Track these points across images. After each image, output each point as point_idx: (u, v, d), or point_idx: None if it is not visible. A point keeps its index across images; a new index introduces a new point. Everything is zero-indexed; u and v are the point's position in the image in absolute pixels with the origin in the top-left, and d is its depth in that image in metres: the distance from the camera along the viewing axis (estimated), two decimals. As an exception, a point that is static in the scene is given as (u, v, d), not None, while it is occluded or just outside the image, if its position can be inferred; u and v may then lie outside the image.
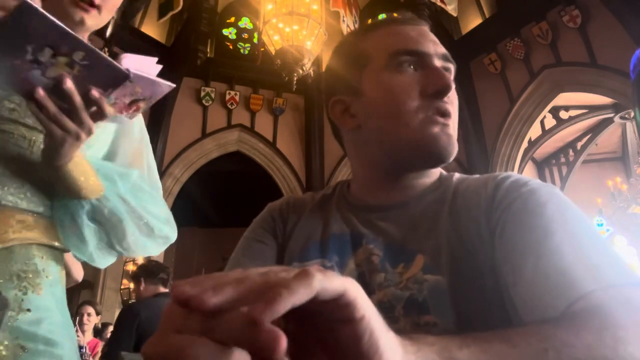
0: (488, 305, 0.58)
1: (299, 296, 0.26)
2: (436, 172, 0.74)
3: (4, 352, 0.80)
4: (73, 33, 0.69)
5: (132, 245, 0.99)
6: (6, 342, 0.81)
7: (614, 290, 0.49)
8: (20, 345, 0.82)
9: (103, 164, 0.97)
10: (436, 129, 0.66)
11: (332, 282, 0.28)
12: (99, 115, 0.79)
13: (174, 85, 0.87)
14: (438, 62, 0.69)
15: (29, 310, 0.85)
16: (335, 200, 0.79)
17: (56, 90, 0.74)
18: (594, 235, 0.57)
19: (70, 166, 0.85)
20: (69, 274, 2.00)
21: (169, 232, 1.06)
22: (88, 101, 0.77)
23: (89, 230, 0.94)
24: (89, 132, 0.81)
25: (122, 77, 0.76)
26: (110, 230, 0.96)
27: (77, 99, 0.75)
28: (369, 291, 0.64)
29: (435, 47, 0.71)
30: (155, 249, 1.05)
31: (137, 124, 1.08)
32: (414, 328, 0.59)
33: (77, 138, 0.80)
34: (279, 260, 0.74)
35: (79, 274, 2.14)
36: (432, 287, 0.60)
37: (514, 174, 0.67)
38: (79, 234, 0.94)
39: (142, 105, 0.87)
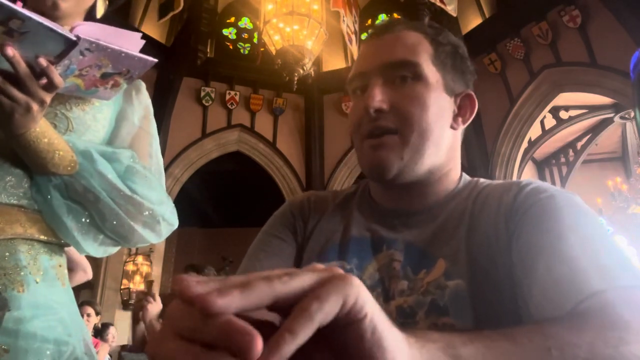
0: (505, 309, 0.58)
1: (302, 337, 0.27)
2: (454, 177, 0.74)
3: None
4: (3, 1, 0.67)
5: (120, 228, 0.93)
6: None
7: (623, 291, 0.49)
8: (1, 347, 0.79)
9: (85, 143, 0.93)
10: (366, 151, 0.68)
11: (332, 305, 0.28)
12: (50, 85, 0.77)
13: (154, 60, 0.84)
14: (377, 78, 0.69)
15: (9, 308, 0.81)
16: (357, 202, 0.78)
17: (3, 60, 0.72)
18: (608, 240, 0.57)
19: (31, 136, 0.82)
20: (73, 270, 1.98)
21: (167, 214, 0.99)
22: (39, 71, 0.75)
23: (63, 207, 0.90)
24: (41, 103, 0.78)
25: (70, 44, 0.74)
26: (92, 210, 0.91)
27: (22, 66, 0.73)
28: (388, 297, 0.64)
29: (378, 60, 0.70)
30: (151, 236, 0.98)
31: (139, 112, 1.05)
32: (431, 329, 0.59)
33: (28, 109, 0.77)
34: (298, 259, 0.74)
35: (87, 270, 2.12)
36: (453, 292, 0.60)
37: (537, 182, 0.67)
38: (53, 213, 0.90)
39: (119, 80, 0.85)
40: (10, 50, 0.71)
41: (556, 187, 0.66)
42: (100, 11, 1.03)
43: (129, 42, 0.82)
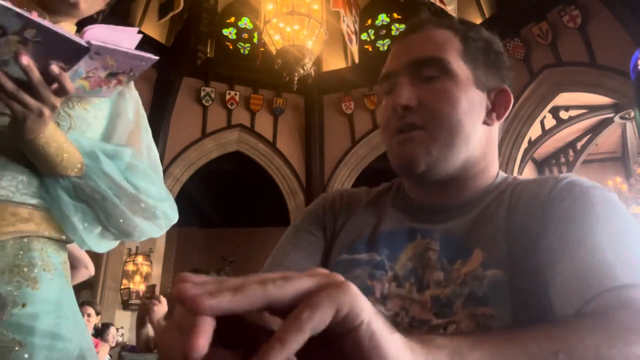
0: (542, 300, 0.58)
1: (293, 347, 0.26)
2: (492, 173, 0.73)
3: None
4: (19, 11, 0.69)
5: (125, 226, 0.96)
6: (1, 338, 0.80)
7: (632, 290, 0.48)
8: (17, 341, 0.81)
9: (89, 142, 0.95)
10: (395, 146, 0.68)
11: (323, 313, 0.27)
12: (61, 90, 0.79)
13: (155, 58, 0.86)
14: (404, 77, 0.68)
15: (24, 305, 0.84)
16: (390, 199, 0.77)
17: (14, 66, 0.74)
18: (637, 236, 0.56)
19: (41, 141, 0.84)
20: (76, 267, 1.99)
21: (167, 210, 1.02)
22: (50, 76, 0.76)
23: (70, 208, 0.92)
24: (53, 108, 0.80)
25: (81, 50, 0.76)
26: (98, 209, 0.94)
27: (35, 75, 0.75)
28: (422, 287, 0.64)
29: (405, 59, 0.69)
30: (153, 231, 1.02)
31: (132, 107, 1.06)
32: (470, 319, 0.59)
33: (40, 114, 0.79)
34: (326, 254, 0.74)
35: (89, 267, 2.13)
36: (492, 282, 0.60)
37: (575, 176, 0.67)
38: (61, 213, 0.92)
39: (122, 78, 0.87)
40: (25, 59, 0.73)
41: (594, 182, 0.65)
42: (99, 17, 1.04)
43: (128, 39, 0.83)
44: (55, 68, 0.76)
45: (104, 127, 1.02)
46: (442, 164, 0.67)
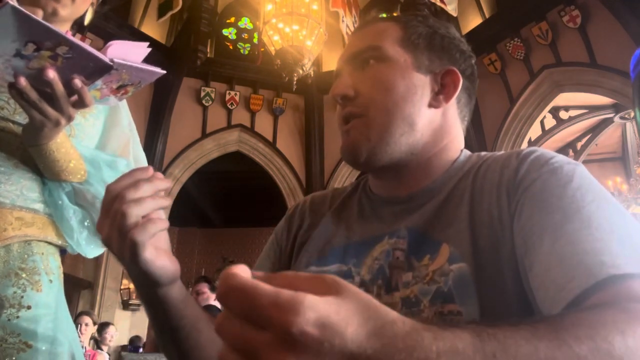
0: (510, 293, 0.55)
1: None
2: (451, 155, 0.71)
3: (4, 349, 0.81)
4: (57, 30, 0.71)
5: None
6: (8, 339, 0.82)
7: (631, 282, 0.46)
8: (24, 342, 0.83)
9: (90, 150, 0.98)
10: (342, 138, 0.70)
11: None
12: (80, 103, 0.81)
13: (163, 72, 0.89)
14: (344, 70, 0.71)
15: (29, 307, 0.86)
16: (357, 201, 0.76)
17: (40, 77, 0.76)
18: (616, 218, 0.53)
19: (52, 146, 0.87)
20: None
21: None
22: (71, 88, 0.79)
23: (70, 211, 0.95)
24: (69, 119, 0.83)
25: (106, 68, 0.79)
26: (95, 215, 0.97)
27: (59, 88, 0.78)
28: (390, 288, 0.62)
29: (347, 54, 0.72)
30: None
31: (126, 115, 1.09)
32: (437, 317, 0.57)
33: (57, 124, 0.82)
34: (286, 265, 0.74)
35: None
36: (457, 276, 0.58)
37: (538, 149, 0.64)
38: (62, 216, 0.95)
39: (130, 89, 0.89)
40: (51, 74, 0.76)
41: (560, 156, 0.62)
42: (88, 18, 1.06)
43: (138, 52, 0.86)
44: (78, 82, 0.78)
45: (99, 137, 1.04)
46: (383, 149, 0.66)
